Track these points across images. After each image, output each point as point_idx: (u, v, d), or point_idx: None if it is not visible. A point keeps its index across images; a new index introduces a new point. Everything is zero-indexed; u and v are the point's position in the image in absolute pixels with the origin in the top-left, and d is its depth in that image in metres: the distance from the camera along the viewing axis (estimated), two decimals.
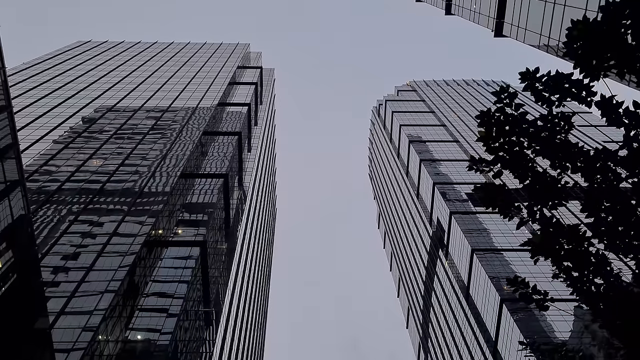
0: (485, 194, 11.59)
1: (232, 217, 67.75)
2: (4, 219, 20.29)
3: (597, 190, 10.56)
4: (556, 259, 11.44)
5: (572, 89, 10.11)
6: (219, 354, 55.34)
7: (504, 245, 64.51)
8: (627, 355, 10.62)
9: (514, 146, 10.89)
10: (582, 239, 10.99)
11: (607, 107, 9.97)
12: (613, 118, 10.00)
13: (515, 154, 10.90)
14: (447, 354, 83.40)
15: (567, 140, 10.63)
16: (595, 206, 10.63)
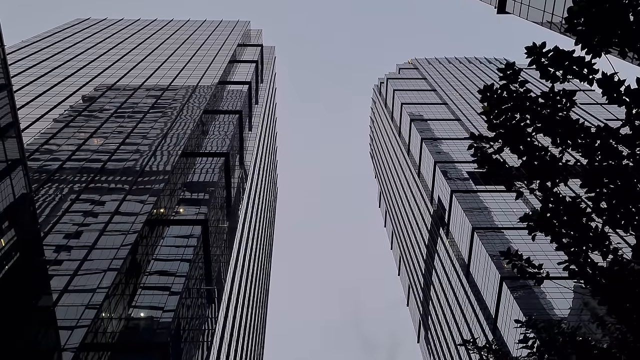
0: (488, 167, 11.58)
1: (234, 196, 67.92)
2: (6, 198, 20.36)
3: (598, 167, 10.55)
4: (555, 235, 11.48)
5: (574, 66, 10.05)
6: (221, 330, 55.95)
7: (505, 223, 64.70)
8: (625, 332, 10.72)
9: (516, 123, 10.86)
10: (582, 214, 11.02)
11: (608, 85, 9.92)
12: (614, 97, 9.95)
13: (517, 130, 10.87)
14: (447, 331, 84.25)
15: (569, 116, 10.60)
16: (596, 182, 10.63)
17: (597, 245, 11.15)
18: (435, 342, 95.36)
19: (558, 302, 50.25)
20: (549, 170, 11.23)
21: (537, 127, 10.80)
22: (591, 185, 11.06)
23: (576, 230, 11.24)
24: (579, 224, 11.25)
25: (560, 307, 49.74)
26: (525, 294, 53.13)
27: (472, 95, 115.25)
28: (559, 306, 49.93)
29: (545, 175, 11.36)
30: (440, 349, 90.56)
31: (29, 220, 22.62)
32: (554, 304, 50.46)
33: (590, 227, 11.28)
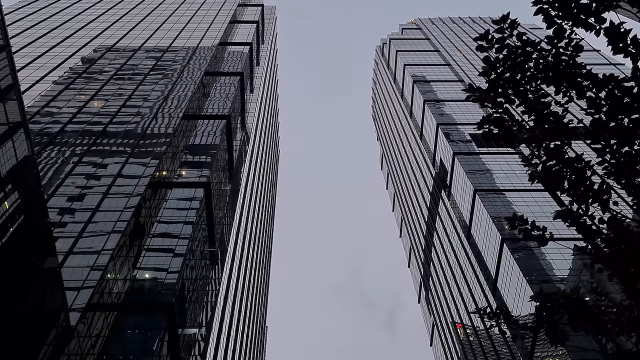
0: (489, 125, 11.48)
1: (236, 158, 67.91)
2: (9, 161, 20.37)
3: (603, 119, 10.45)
4: (556, 188, 11.48)
5: (581, 14, 9.82)
6: (225, 291, 56.79)
7: (507, 185, 64.78)
8: (626, 292, 10.83)
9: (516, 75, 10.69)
10: (585, 168, 10.99)
11: (615, 35, 9.72)
12: (620, 47, 9.77)
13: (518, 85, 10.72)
14: (448, 291, 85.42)
15: (575, 63, 10.43)
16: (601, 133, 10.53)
17: (597, 198, 11.14)
18: (435, 303, 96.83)
19: (558, 263, 50.75)
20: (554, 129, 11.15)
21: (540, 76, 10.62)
22: (596, 136, 10.98)
23: (577, 183, 11.22)
24: (582, 178, 11.22)
25: (560, 267, 50.25)
26: (526, 255, 53.61)
27: (476, 55, 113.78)
28: (558, 267, 50.45)
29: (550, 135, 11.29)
30: (441, 309, 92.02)
31: (32, 183, 22.69)
32: (553, 264, 50.96)
33: (592, 182, 11.27)
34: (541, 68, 10.51)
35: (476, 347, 72.09)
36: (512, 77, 10.73)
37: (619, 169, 10.75)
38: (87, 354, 25.58)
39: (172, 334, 34.39)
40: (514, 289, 52.49)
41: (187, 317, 40.85)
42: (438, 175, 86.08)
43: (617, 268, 10.70)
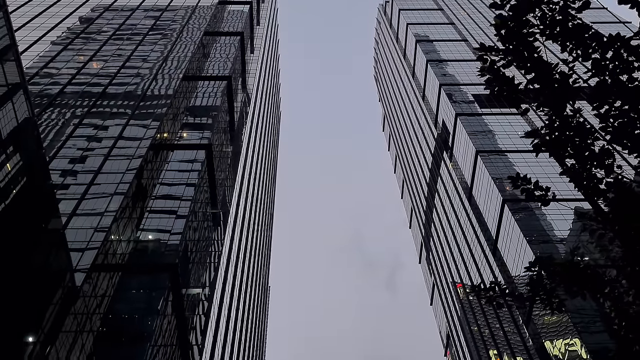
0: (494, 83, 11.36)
1: (237, 120, 67.59)
2: (9, 123, 20.29)
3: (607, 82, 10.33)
4: (560, 155, 11.45)
5: None
6: (227, 252, 57.39)
7: (509, 146, 64.61)
8: (626, 252, 10.91)
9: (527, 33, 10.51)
10: (588, 133, 10.93)
11: None
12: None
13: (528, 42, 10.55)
14: (448, 252, 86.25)
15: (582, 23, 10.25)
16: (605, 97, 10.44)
17: (600, 162, 11.12)
18: (436, 263, 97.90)
19: (558, 224, 51.03)
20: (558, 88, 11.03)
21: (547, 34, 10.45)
22: (600, 100, 10.88)
23: (581, 148, 11.18)
24: (585, 142, 11.17)
25: (561, 228, 50.56)
26: (526, 216, 53.86)
27: (480, 14, 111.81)
28: (559, 227, 50.75)
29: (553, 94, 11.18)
30: (441, 270, 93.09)
31: (33, 145, 22.66)
32: (554, 225, 51.26)
33: (594, 146, 11.21)
34: (548, 23, 10.32)
35: (475, 306, 73.24)
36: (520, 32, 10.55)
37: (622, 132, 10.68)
38: (94, 313, 26.04)
39: (176, 293, 34.92)
40: (514, 249, 52.95)
41: (191, 278, 41.41)
42: (440, 136, 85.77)
43: (618, 229, 10.74)
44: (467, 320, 77.21)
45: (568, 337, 43.03)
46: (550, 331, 47.01)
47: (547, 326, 47.80)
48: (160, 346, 32.81)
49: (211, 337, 45.49)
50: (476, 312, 73.05)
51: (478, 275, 70.75)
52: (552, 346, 46.33)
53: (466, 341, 78.61)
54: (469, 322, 76.68)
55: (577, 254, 39.04)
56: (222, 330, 50.65)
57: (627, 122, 10.56)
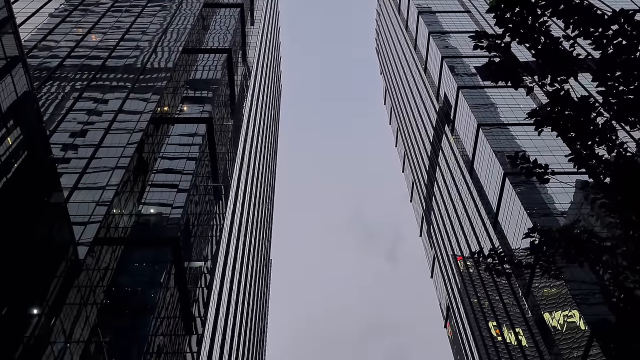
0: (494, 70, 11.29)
1: (237, 94, 67.22)
2: (9, 96, 20.18)
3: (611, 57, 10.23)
4: (562, 130, 11.41)
5: None
6: (229, 225, 57.66)
7: (511, 119, 64.32)
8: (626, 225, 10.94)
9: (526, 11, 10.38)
10: (590, 109, 10.87)
11: None
12: None
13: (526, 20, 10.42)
14: (449, 225, 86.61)
15: (583, 3, 10.11)
16: (607, 74, 10.36)
17: (603, 139, 11.10)
18: (437, 236, 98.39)
19: (559, 197, 51.09)
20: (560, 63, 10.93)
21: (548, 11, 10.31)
22: (602, 78, 10.81)
23: (583, 125, 11.14)
24: (587, 118, 11.13)
25: (561, 201, 50.63)
26: (527, 189, 53.89)
27: None
28: (560, 200, 50.83)
29: (556, 69, 11.08)
30: (442, 243, 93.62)
31: (33, 118, 22.57)
32: (555, 198, 51.33)
33: (597, 122, 11.16)
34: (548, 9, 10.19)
35: (476, 278, 73.86)
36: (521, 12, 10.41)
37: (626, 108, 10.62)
38: (97, 286, 26.29)
39: (178, 267, 35.22)
40: (515, 222, 53.13)
41: (193, 251, 41.70)
42: (442, 109, 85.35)
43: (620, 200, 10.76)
44: (467, 293, 77.96)
45: (567, 309, 43.47)
46: (549, 303, 47.48)
47: (546, 298, 48.26)
48: (163, 318, 33.22)
49: (214, 309, 46.02)
50: (476, 285, 73.71)
51: (478, 248, 71.12)
52: (551, 318, 46.85)
53: (466, 313, 79.51)
54: (468, 295, 77.44)
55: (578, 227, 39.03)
56: (224, 302, 51.21)
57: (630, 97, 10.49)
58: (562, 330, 44.63)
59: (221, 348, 48.16)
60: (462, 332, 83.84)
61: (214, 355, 44.71)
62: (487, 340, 69.59)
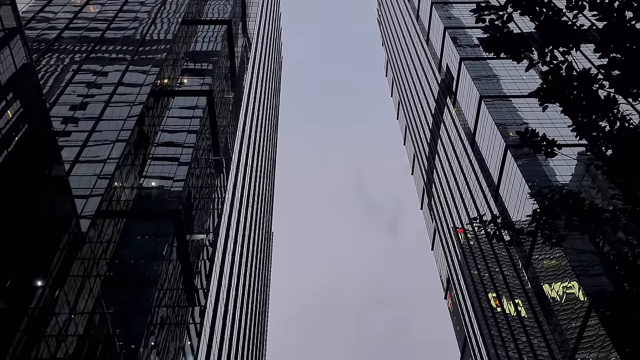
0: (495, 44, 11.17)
1: (237, 66, 66.70)
2: (8, 69, 20.04)
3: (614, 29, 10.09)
4: (565, 103, 11.34)
5: None
6: (230, 198, 57.82)
7: (513, 91, 63.88)
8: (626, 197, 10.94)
9: None
10: (593, 81, 10.77)
11: None
12: None
13: None
14: (450, 198, 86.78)
15: None
16: (610, 46, 10.23)
17: (605, 112, 11.03)
18: (438, 209, 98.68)
19: (561, 169, 51.06)
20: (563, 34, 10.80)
21: None
22: (605, 50, 10.69)
23: (586, 98, 11.05)
24: (590, 91, 11.04)
25: (563, 173, 50.62)
26: (529, 161, 53.84)
27: None
28: (561, 173, 50.81)
29: (558, 40, 10.95)
30: (443, 215, 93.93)
31: (33, 91, 22.45)
32: (556, 171, 51.31)
33: (599, 95, 11.08)
34: None
35: (476, 251, 74.32)
36: None
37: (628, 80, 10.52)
38: (100, 258, 26.50)
39: (180, 239, 35.43)
40: (516, 195, 53.20)
41: (195, 224, 41.91)
42: (444, 81, 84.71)
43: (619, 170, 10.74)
44: (467, 265, 78.54)
45: (566, 280, 43.84)
46: (549, 274, 47.86)
47: (546, 270, 48.62)
48: (166, 290, 33.57)
49: (216, 281, 46.46)
50: (476, 256, 74.20)
51: (476, 224, 71.33)
52: (551, 289, 47.28)
53: (466, 285, 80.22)
54: (469, 267, 78.02)
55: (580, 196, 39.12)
56: (226, 275, 51.67)
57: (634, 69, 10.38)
58: (561, 301, 45.08)
59: (224, 319, 48.77)
60: (462, 303, 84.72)
61: (217, 326, 45.31)
62: (486, 311, 70.38)
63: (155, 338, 32.00)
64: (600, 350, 38.61)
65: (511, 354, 61.75)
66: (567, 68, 11.00)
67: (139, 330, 28.47)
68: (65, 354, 21.42)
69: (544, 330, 53.31)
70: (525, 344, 58.36)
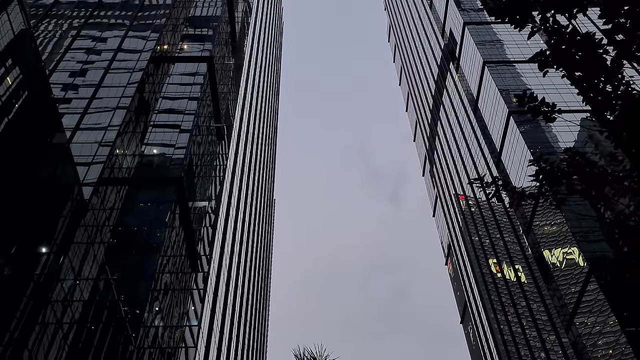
0: (498, 10, 10.98)
1: (238, 31, 65.85)
2: (6, 35, 19.80)
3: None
4: (568, 69, 11.21)
5: None
6: (232, 166, 57.85)
7: (517, 56, 63.14)
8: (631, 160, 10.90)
9: None
10: (597, 47, 10.62)
11: None
12: None
13: None
14: (452, 164, 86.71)
15: None
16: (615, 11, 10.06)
17: (609, 77, 10.91)
18: (439, 175, 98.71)
19: (563, 135, 50.86)
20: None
21: None
22: (610, 15, 10.51)
23: (590, 63, 10.92)
24: (593, 56, 10.90)
25: (566, 139, 50.43)
26: (532, 128, 53.59)
27: None
28: (564, 139, 50.62)
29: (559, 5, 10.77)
30: (445, 182, 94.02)
31: (32, 57, 22.23)
32: (559, 137, 51.11)
33: (604, 59, 10.94)
34: None
35: (477, 217, 74.61)
36: None
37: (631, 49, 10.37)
38: (103, 225, 26.67)
39: (182, 206, 35.59)
40: (518, 161, 53.12)
41: (197, 191, 42.03)
42: (447, 47, 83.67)
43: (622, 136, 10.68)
44: (469, 231, 78.97)
45: (567, 246, 44.13)
46: (549, 240, 48.15)
47: (546, 236, 48.90)
48: (169, 257, 33.90)
49: (219, 247, 46.86)
50: (477, 223, 74.55)
51: (477, 185, 71.46)
52: (551, 255, 47.63)
53: (467, 251, 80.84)
54: (470, 233, 78.47)
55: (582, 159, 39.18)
56: (229, 241, 52.08)
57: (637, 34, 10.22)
58: (561, 266, 45.47)
59: (227, 285, 49.37)
60: (462, 269, 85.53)
61: (220, 292, 45.89)
62: (487, 277, 71.10)
63: (160, 303, 32.46)
64: (599, 314, 39.14)
65: (510, 319, 62.66)
66: (570, 33, 10.85)
67: (143, 296, 28.86)
68: (71, 319, 21.77)
69: (543, 295, 53.97)
70: (525, 308, 59.16)
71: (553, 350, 53.03)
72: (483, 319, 73.35)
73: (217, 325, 43.45)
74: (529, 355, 57.57)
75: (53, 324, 20.38)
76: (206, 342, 39.57)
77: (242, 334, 58.24)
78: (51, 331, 20.30)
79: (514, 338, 61.27)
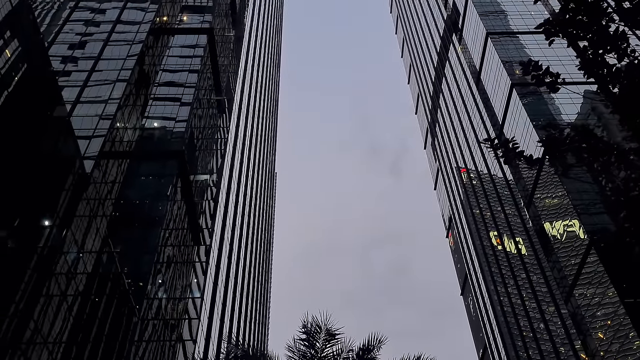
0: None
1: (238, 2, 65.00)
2: (4, 6, 19.55)
3: None
4: (573, 39, 11.07)
5: None
6: (233, 139, 57.73)
7: (521, 27, 62.33)
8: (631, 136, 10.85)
9: None
10: (602, 15, 10.48)
11: None
12: None
13: None
14: (454, 137, 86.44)
15: None
16: None
17: (614, 46, 10.78)
18: (441, 148, 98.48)
19: (566, 108, 50.52)
20: None
21: None
22: None
23: (595, 32, 10.78)
24: (599, 25, 10.75)
25: (568, 112, 50.12)
26: (534, 100, 53.23)
27: None
28: (566, 111, 50.31)
29: None
30: (446, 155, 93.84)
31: (30, 29, 21.99)
32: (562, 109, 50.78)
33: (608, 27, 10.80)
34: None
35: (479, 190, 74.69)
36: None
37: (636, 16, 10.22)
38: (105, 199, 26.74)
39: (184, 180, 35.63)
40: (520, 134, 52.89)
41: (198, 165, 42.03)
42: (450, 17, 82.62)
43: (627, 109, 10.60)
44: (470, 204, 79.13)
45: (567, 219, 44.24)
46: (550, 213, 48.26)
47: (547, 208, 49.00)
48: (172, 230, 34.07)
49: (220, 220, 47.05)
50: (479, 196, 74.65)
51: (483, 160, 71.41)
52: (551, 227, 47.79)
53: (468, 223, 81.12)
54: (471, 206, 78.63)
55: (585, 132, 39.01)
56: (230, 214, 52.27)
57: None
58: (562, 239, 45.66)
59: (229, 258, 49.73)
60: (463, 241, 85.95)
61: (222, 264, 46.25)
62: (487, 249, 71.50)
63: (163, 276, 32.76)
64: (598, 286, 39.45)
65: (510, 290, 63.20)
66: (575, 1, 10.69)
67: (146, 269, 29.11)
68: (75, 291, 22.00)
69: (543, 268, 54.31)
70: (525, 280, 59.62)
71: (552, 321, 53.62)
72: (483, 291, 74.02)
73: (219, 297, 43.90)
74: (528, 326, 58.24)
75: (57, 295, 20.60)
76: (209, 314, 40.04)
77: (245, 305, 58.89)
78: (56, 303, 20.52)
79: (513, 309, 61.91)
